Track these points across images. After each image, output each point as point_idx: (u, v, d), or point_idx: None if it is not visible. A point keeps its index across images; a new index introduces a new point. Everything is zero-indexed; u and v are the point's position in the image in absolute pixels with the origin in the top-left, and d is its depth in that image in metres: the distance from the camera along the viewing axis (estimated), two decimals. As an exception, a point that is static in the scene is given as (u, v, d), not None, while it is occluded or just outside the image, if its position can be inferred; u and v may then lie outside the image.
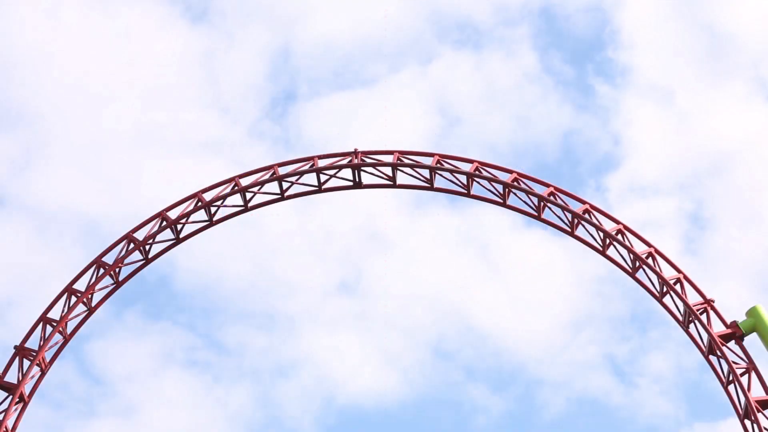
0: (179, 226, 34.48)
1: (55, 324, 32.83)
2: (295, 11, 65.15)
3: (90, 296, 33.51)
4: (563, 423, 59.22)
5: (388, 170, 34.75)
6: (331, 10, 64.45)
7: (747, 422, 30.55)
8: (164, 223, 34.34)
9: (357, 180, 34.95)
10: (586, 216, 33.52)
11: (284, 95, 65.29)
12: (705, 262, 60.49)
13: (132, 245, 34.03)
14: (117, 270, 33.85)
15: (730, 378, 31.07)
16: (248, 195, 34.74)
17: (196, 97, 62.97)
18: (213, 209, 34.67)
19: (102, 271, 33.70)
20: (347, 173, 34.86)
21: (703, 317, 31.99)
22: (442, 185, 34.70)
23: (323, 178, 34.87)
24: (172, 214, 34.49)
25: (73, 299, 33.25)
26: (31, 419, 32.72)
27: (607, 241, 33.34)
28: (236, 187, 34.63)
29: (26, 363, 32.34)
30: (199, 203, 34.56)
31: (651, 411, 58.65)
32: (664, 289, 32.52)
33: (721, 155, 63.07)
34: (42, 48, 61.77)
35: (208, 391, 59.38)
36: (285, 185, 34.82)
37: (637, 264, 32.91)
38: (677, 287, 32.35)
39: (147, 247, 34.23)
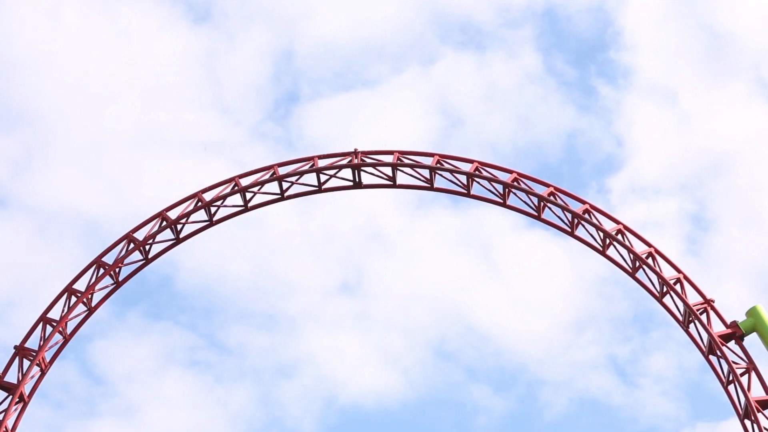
0: (179, 226, 34.46)
1: (55, 324, 32.81)
2: (297, 12, 65.15)
3: (90, 296, 33.50)
4: (565, 423, 59.24)
5: (388, 170, 34.72)
6: (333, 10, 64.49)
7: (747, 422, 30.53)
8: (164, 223, 34.32)
9: (357, 180, 34.92)
10: (586, 216, 33.49)
11: (287, 97, 65.31)
12: (706, 263, 60.51)
13: (132, 245, 34.01)
14: (117, 270, 33.84)
15: (730, 378, 31.02)
16: (248, 195, 34.72)
17: (197, 97, 63.00)
18: (213, 209, 34.65)
19: (102, 271, 33.69)
20: (347, 173, 34.84)
21: (703, 317, 31.95)
22: (443, 185, 34.68)
23: (323, 178, 34.84)
24: (172, 214, 34.47)
25: (73, 299, 33.23)
26: (31, 419, 32.75)
27: (607, 241, 33.31)
28: (236, 187, 34.61)
29: (26, 363, 32.33)
30: (199, 203, 34.54)
31: (653, 411, 58.65)
32: (664, 289, 32.48)
33: (723, 156, 63.13)
34: (42, 48, 61.83)
35: (209, 391, 59.41)
36: (285, 185, 34.79)
37: (637, 264, 32.87)
38: (677, 287, 32.31)
39: (147, 247, 34.21)
